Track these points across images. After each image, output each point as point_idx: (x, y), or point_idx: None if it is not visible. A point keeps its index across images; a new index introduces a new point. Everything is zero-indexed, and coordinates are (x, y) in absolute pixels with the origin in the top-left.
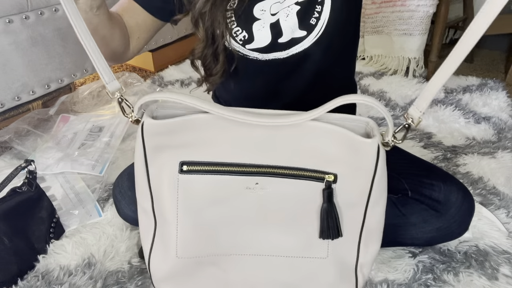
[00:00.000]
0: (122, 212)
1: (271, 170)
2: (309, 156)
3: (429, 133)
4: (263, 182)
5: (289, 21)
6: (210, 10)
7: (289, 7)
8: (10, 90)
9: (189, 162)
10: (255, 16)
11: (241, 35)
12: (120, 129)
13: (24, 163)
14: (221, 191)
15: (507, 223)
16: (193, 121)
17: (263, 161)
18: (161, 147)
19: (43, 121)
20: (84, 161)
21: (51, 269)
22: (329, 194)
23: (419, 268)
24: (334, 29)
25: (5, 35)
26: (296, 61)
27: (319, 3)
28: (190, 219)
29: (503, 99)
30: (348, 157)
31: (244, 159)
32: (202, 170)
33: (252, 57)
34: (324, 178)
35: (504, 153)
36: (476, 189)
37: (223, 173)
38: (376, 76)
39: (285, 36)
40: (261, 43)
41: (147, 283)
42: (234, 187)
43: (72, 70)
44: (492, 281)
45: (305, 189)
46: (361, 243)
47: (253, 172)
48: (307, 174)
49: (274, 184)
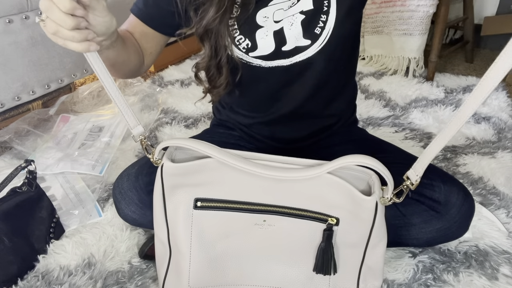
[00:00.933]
0: (122, 212)
1: (278, 209)
2: (314, 201)
3: (429, 133)
4: (270, 219)
5: (294, 30)
6: (216, 25)
7: (293, 16)
8: (10, 90)
9: (203, 199)
10: (258, 24)
11: (244, 43)
12: (120, 129)
13: (24, 163)
14: (232, 226)
15: (507, 223)
16: (207, 164)
17: (271, 201)
18: (178, 186)
19: (43, 121)
20: (84, 161)
21: (51, 269)
22: (328, 235)
23: (419, 268)
24: (337, 38)
25: (5, 35)
26: (299, 69)
27: (324, 12)
28: (202, 251)
29: (503, 99)
30: (350, 206)
31: (253, 198)
32: (214, 206)
33: (255, 64)
34: (327, 220)
35: (504, 153)
36: (476, 189)
37: (233, 210)
38: (376, 76)
39: (289, 45)
40: (264, 51)
41: (147, 283)
42: (244, 223)
43: (72, 70)
44: (492, 281)
45: (308, 228)
46: (360, 279)
47: (261, 210)
48: (312, 215)
49: (280, 221)
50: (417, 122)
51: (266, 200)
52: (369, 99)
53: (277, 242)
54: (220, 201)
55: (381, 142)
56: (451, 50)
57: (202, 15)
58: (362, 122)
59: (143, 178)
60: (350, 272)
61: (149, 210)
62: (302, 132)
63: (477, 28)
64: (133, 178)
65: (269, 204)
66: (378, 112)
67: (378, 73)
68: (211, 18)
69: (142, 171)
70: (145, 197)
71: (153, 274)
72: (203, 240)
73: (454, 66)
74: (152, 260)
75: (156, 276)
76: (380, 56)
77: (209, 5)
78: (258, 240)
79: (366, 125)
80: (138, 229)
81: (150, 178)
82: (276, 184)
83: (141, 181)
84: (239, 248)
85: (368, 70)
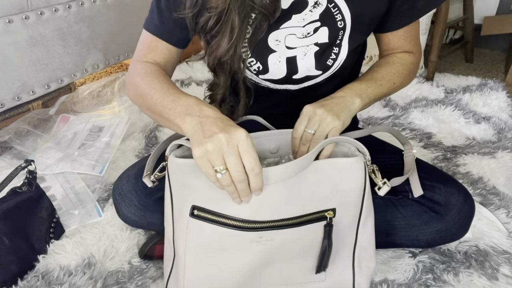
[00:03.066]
0: (121, 214)
1: (274, 224)
2: (307, 202)
3: (429, 133)
4: (267, 235)
5: (306, 61)
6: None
7: (307, 46)
8: (10, 90)
9: (200, 208)
10: (270, 47)
11: (255, 65)
12: (120, 129)
13: (24, 163)
14: (226, 241)
15: (507, 223)
16: None
17: (265, 217)
18: (183, 185)
19: (43, 121)
20: (84, 161)
21: (51, 269)
22: (330, 230)
23: (419, 268)
24: (347, 66)
25: (5, 35)
26: (306, 91)
27: (337, 45)
28: (196, 259)
29: (503, 99)
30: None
31: (247, 215)
32: (209, 218)
33: (263, 85)
34: (325, 217)
35: (504, 153)
36: (476, 189)
37: (228, 226)
38: None
39: (300, 74)
40: (275, 76)
41: (147, 283)
42: (239, 240)
43: (72, 70)
44: (492, 281)
45: (308, 231)
46: (355, 263)
47: (256, 227)
48: (310, 218)
49: (278, 235)
50: (417, 122)
51: (261, 216)
52: None
53: (277, 253)
54: (215, 214)
55: (381, 143)
56: (451, 50)
57: (214, 47)
58: (362, 122)
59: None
60: (345, 258)
61: (148, 212)
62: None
63: (477, 28)
64: (133, 180)
65: (263, 220)
66: (378, 112)
67: None
68: (225, 50)
69: (142, 173)
70: (145, 199)
71: (153, 274)
72: (198, 249)
73: (454, 66)
74: (152, 260)
75: (156, 276)
76: None
77: (220, 37)
78: (255, 254)
79: (366, 125)
80: (138, 229)
81: None
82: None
83: (141, 183)
84: (235, 262)
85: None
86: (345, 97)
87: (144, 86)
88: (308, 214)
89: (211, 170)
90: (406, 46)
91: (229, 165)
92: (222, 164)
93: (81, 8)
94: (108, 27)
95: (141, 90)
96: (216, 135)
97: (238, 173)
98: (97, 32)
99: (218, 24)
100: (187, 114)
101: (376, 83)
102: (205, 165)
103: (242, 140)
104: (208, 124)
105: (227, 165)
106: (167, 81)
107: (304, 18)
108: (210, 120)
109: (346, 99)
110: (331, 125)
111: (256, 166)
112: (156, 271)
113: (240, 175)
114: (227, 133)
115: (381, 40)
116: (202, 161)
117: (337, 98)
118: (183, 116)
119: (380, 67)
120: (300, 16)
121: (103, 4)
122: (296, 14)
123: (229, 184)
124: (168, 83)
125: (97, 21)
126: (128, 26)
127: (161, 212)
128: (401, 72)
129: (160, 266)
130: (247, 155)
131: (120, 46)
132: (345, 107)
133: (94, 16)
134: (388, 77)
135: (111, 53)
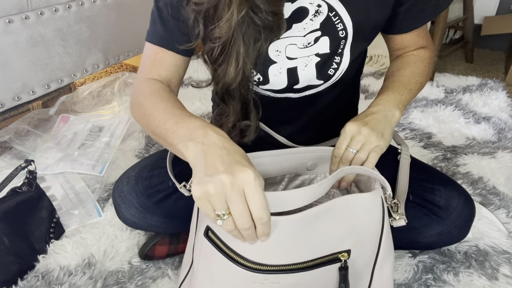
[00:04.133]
0: (121, 215)
1: (282, 268)
2: (321, 245)
3: (429, 133)
4: (272, 278)
5: (307, 71)
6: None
7: (308, 57)
8: (10, 90)
9: (213, 232)
10: (271, 58)
11: (255, 77)
12: (120, 129)
13: (24, 163)
14: (230, 276)
15: (507, 223)
16: None
17: (273, 261)
18: None
19: (43, 121)
20: (84, 161)
21: (51, 269)
22: (345, 274)
23: (419, 268)
24: (349, 74)
25: (5, 35)
26: (307, 99)
27: (338, 54)
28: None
29: (503, 99)
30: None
31: (253, 257)
32: (219, 246)
33: (263, 94)
34: (338, 259)
35: (504, 153)
36: (476, 189)
37: (233, 261)
38: (376, 76)
39: (301, 84)
40: (276, 86)
41: (147, 283)
42: (243, 278)
43: (72, 70)
44: (492, 281)
45: (319, 275)
46: None
47: (261, 270)
48: (321, 261)
49: (285, 279)
50: (417, 122)
51: (267, 260)
52: (369, 99)
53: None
54: (223, 243)
55: None
56: (451, 50)
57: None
58: None
59: (143, 182)
60: None
61: (148, 214)
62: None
63: (477, 28)
64: (133, 182)
65: (271, 264)
66: None
67: (378, 73)
68: (233, 78)
69: (142, 175)
70: (145, 200)
71: (153, 274)
72: (207, 272)
73: (454, 66)
74: (152, 260)
75: (156, 276)
76: (380, 56)
77: (226, 66)
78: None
79: None
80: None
81: (150, 182)
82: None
83: (141, 185)
84: None
85: (368, 70)
86: (385, 111)
87: (148, 106)
88: (320, 258)
89: (212, 213)
90: (420, 42)
91: (233, 212)
92: (225, 209)
93: (81, 8)
94: (108, 27)
95: (144, 110)
96: (218, 175)
97: (243, 222)
98: (97, 32)
99: (223, 53)
100: (190, 140)
101: (406, 89)
102: (205, 207)
103: (250, 184)
104: (212, 156)
105: (231, 211)
106: (172, 100)
107: (305, 27)
108: (215, 150)
109: (387, 113)
110: (375, 144)
111: (264, 215)
112: (156, 271)
113: (245, 224)
114: (231, 175)
115: (393, 40)
116: (202, 202)
117: (378, 113)
118: (186, 141)
119: (403, 70)
120: (300, 25)
121: (103, 4)
122: (297, 23)
123: (232, 230)
124: (173, 102)
125: (97, 21)
126: (128, 26)
127: (161, 214)
128: (423, 69)
129: (160, 266)
130: (255, 201)
131: (120, 46)
132: (387, 123)
133: (94, 16)
134: (414, 78)
135: (111, 53)
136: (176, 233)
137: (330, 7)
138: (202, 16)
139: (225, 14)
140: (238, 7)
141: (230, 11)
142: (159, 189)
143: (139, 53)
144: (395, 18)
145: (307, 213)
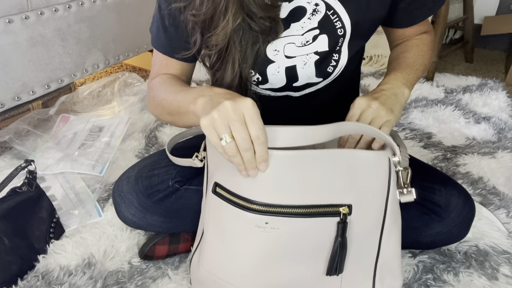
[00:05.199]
0: (121, 215)
1: (282, 210)
2: (319, 192)
3: (429, 133)
4: (273, 221)
5: (307, 69)
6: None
7: (307, 55)
8: (10, 90)
9: (221, 186)
10: (269, 58)
11: (254, 77)
12: (120, 129)
13: (24, 163)
14: (235, 223)
15: (507, 223)
16: None
17: (274, 200)
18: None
19: (43, 121)
20: (84, 161)
21: (51, 269)
22: (343, 228)
23: (419, 268)
24: (347, 71)
25: (5, 35)
26: (307, 97)
27: (337, 51)
28: (213, 238)
29: (503, 99)
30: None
31: (255, 196)
32: (226, 197)
33: (263, 94)
34: (339, 212)
35: (504, 153)
36: (476, 189)
37: (237, 206)
38: (376, 76)
39: (301, 82)
40: (275, 85)
41: (147, 283)
42: (245, 223)
43: (72, 70)
44: (492, 281)
45: (318, 226)
46: (376, 277)
47: (262, 211)
48: (321, 210)
49: (285, 224)
50: (417, 122)
51: (269, 199)
52: None
53: (283, 247)
54: (230, 193)
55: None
56: (451, 50)
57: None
58: None
59: (142, 181)
60: (365, 270)
61: (148, 213)
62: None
63: (477, 28)
64: (133, 181)
65: (271, 204)
66: None
67: (378, 73)
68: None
69: (142, 174)
70: (145, 200)
71: (153, 274)
72: (215, 229)
73: (454, 66)
74: (152, 260)
75: (156, 276)
76: (380, 56)
77: (223, 72)
78: (261, 243)
79: None
80: (138, 230)
81: (150, 181)
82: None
83: (141, 184)
84: (243, 249)
85: (368, 70)
86: (394, 89)
87: (159, 94)
88: (319, 206)
89: (218, 140)
90: (421, 29)
91: (234, 132)
92: (228, 132)
93: (81, 8)
94: (108, 27)
95: (158, 100)
96: (222, 103)
97: (243, 141)
98: (97, 32)
99: (219, 60)
100: (199, 96)
101: (412, 69)
102: (211, 134)
103: (248, 108)
104: (217, 98)
105: (233, 133)
106: (181, 83)
107: (303, 26)
108: (220, 95)
109: (396, 91)
110: (385, 118)
111: (261, 135)
112: (156, 271)
113: (245, 143)
114: (233, 101)
115: (394, 32)
116: (209, 130)
117: (388, 90)
118: (195, 99)
119: (408, 52)
120: (298, 24)
121: (103, 4)
122: (295, 23)
123: (235, 154)
124: (181, 84)
125: (97, 21)
126: (128, 26)
127: (161, 214)
128: (426, 52)
129: (160, 266)
130: (253, 123)
131: (120, 46)
132: (396, 99)
133: (94, 16)
134: (419, 60)
135: (111, 53)
136: (176, 233)
137: (328, 5)
138: (199, 25)
139: (220, 22)
140: (233, 15)
141: (225, 20)
142: (159, 188)
143: (139, 53)
144: (394, 14)
145: (304, 152)
